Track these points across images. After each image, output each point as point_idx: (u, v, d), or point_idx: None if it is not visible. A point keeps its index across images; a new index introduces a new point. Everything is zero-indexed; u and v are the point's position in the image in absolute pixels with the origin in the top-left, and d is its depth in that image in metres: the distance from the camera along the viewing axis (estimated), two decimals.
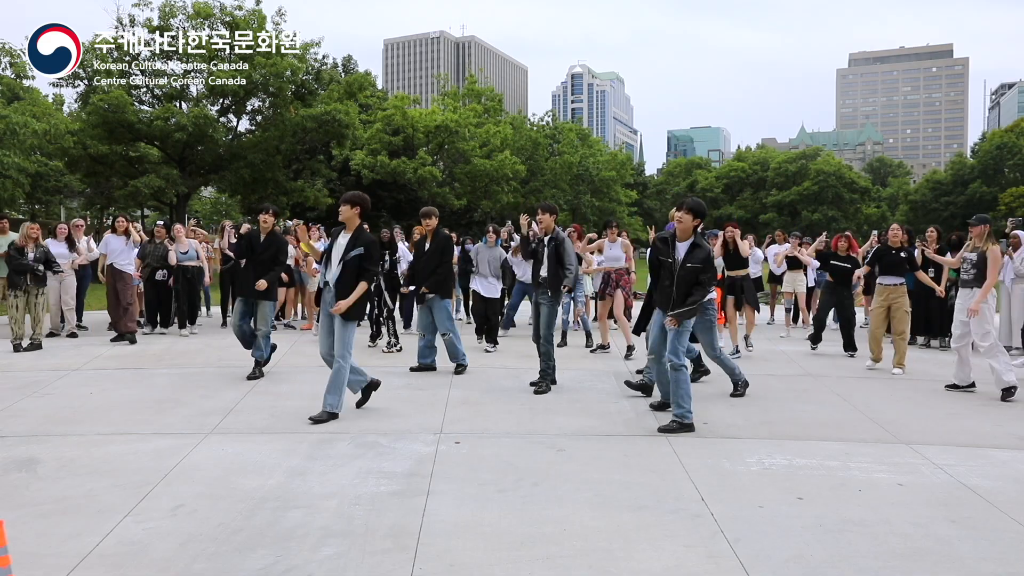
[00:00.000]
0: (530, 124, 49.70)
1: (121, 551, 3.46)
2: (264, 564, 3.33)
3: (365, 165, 36.62)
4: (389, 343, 9.20)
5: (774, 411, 6.27)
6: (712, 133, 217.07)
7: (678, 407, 5.59)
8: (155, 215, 41.17)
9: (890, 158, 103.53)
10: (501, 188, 39.59)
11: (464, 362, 7.82)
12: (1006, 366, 6.74)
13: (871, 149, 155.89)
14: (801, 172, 68.28)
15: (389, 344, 9.20)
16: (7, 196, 25.33)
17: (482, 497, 4.18)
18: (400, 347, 9.20)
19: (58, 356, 8.67)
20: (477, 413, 6.11)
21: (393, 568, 3.30)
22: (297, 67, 28.91)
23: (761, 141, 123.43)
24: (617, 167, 51.61)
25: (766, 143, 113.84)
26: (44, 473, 4.56)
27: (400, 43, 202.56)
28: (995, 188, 62.71)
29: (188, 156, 29.45)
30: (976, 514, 3.98)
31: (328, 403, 5.81)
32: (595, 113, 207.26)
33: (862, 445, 5.26)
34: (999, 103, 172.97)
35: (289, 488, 4.29)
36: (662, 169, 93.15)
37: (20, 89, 32.32)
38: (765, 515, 3.93)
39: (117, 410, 6.13)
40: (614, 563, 3.36)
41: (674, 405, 5.64)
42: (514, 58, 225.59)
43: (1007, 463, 4.88)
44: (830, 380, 7.62)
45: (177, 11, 28.13)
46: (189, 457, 4.86)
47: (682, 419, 5.56)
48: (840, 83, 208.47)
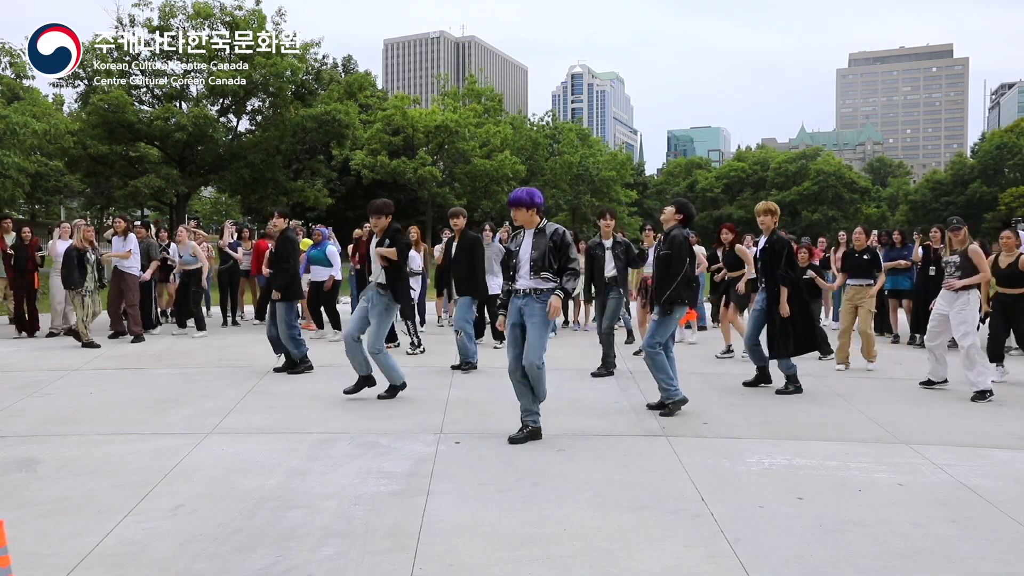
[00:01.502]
0: (530, 124, 49.75)
1: (121, 551, 3.46)
2: (264, 564, 3.33)
3: (365, 165, 36.64)
4: (412, 344, 9.13)
5: (774, 411, 6.27)
6: (712, 133, 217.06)
7: (663, 390, 6.03)
8: (155, 215, 41.16)
9: (890, 158, 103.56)
10: (501, 188, 39.60)
11: (472, 361, 7.88)
12: (982, 375, 6.63)
13: (871, 149, 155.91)
14: (801, 172, 68.28)
15: (412, 345, 9.12)
16: (7, 196, 25.35)
17: (482, 497, 4.18)
18: (423, 348, 9.15)
19: (58, 356, 8.67)
20: (477, 413, 6.12)
21: (393, 568, 3.30)
22: (297, 67, 28.93)
23: (761, 141, 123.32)
24: (617, 167, 51.64)
25: (766, 143, 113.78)
26: (44, 473, 4.56)
27: (400, 43, 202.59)
28: (995, 188, 62.72)
29: (188, 156, 29.47)
30: (976, 514, 3.98)
31: (390, 380, 6.50)
32: (595, 113, 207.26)
33: (862, 445, 5.26)
34: (999, 103, 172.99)
35: (289, 488, 4.29)
36: (662, 169, 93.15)
37: (20, 89, 32.35)
38: (765, 515, 3.93)
39: (117, 410, 6.13)
40: (614, 563, 3.36)
41: (661, 390, 6.05)
42: (514, 58, 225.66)
43: (1007, 463, 4.88)
44: (830, 380, 7.62)
45: (177, 11, 28.15)
46: (189, 457, 4.86)
47: (672, 397, 5.99)
48: (840, 83, 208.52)
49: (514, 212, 5.30)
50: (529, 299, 5.20)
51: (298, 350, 7.61)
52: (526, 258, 5.22)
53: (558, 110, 71.00)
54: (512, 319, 5.30)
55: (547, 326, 5.23)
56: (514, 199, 5.27)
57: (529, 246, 5.24)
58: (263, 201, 31.62)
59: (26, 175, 25.51)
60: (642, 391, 6.84)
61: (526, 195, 5.27)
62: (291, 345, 7.58)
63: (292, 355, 7.62)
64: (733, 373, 7.77)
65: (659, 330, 6.08)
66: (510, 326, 5.33)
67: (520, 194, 5.29)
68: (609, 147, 67.36)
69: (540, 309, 5.15)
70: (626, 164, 54.87)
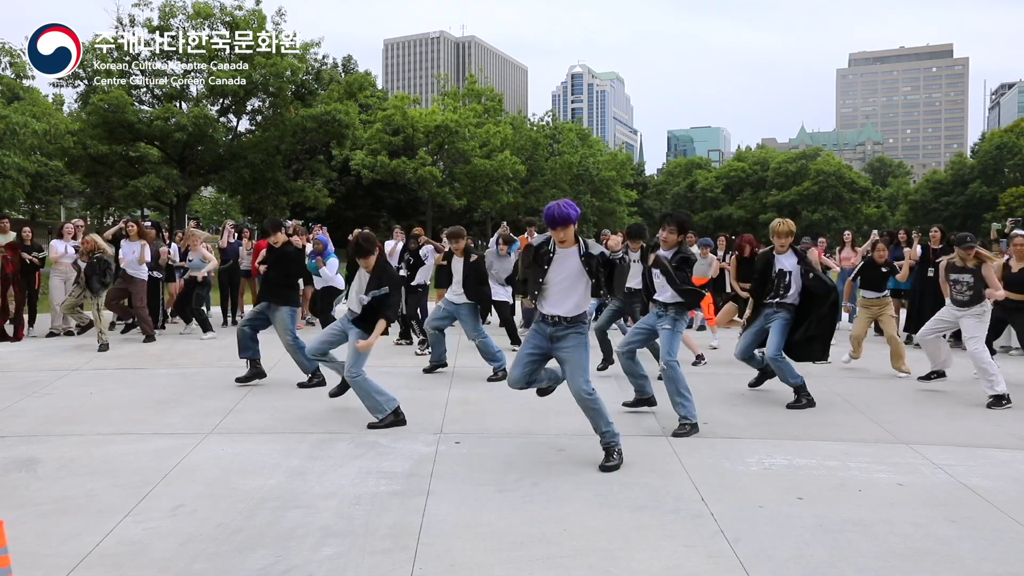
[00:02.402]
0: (530, 124, 49.73)
1: (121, 551, 3.46)
2: (264, 564, 3.33)
3: (365, 165, 36.65)
4: (422, 342, 9.12)
5: (774, 411, 6.27)
6: (712, 133, 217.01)
7: (682, 406, 5.57)
8: (155, 215, 41.15)
9: (890, 158, 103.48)
10: (501, 188, 39.61)
11: (502, 364, 7.48)
12: (993, 378, 6.51)
13: (871, 149, 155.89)
14: (801, 172, 68.25)
15: (422, 343, 9.11)
16: (7, 196, 25.34)
17: (482, 497, 4.18)
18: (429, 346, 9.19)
19: (58, 356, 8.67)
20: (477, 413, 6.11)
21: (393, 568, 3.30)
22: (297, 67, 28.91)
23: (761, 141, 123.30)
24: (617, 167, 51.63)
25: (766, 143, 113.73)
26: (44, 473, 4.57)
27: (400, 43, 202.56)
28: (995, 188, 62.70)
29: (188, 156, 29.45)
30: (976, 514, 3.98)
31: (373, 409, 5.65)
32: (595, 113, 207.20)
33: (862, 445, 5.26)
34: (999, 103, 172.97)
35: (289, 488, 4.29)
36: (662, 169, 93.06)
37: (20, 89, 32.34)
38: (765, 515, 3.93)
39: (117, 410, 6.13)
40: (614, 563, 3.36)
41: (678, 406, 5.59)
42: (514, 58, 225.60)
43: (1007, 463, 4.88)
44: (830, 380, 7.62)
45: (177, 11, 28.12)
46: (189, 457, 4.86)
47: (689, 419, 5.53)
48: (840, 83, 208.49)
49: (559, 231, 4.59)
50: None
51: (310, 363, 6.94)
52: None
53: (558, 110, 70.98)
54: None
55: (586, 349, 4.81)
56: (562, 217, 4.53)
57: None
58: (263, 201, 31.61)
59: (26, 175, 25.49)
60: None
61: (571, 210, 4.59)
62: (297, 355, 7.03)
63: (302, 367, 7.08)
64: (733, 373, 7.76)
65: (674, 342, 5.78)
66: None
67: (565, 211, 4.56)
68: (609, 147, 67.34)
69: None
70: (626, 164, 54.86)
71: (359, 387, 5.62)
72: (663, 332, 5.83)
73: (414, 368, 8.09)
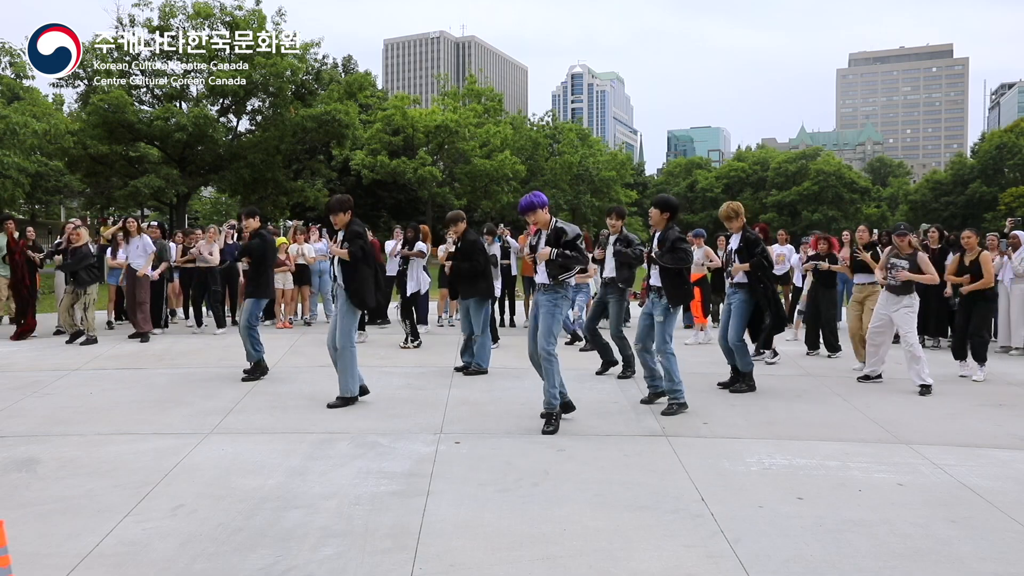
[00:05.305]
0: (530, 124, 49.76)
1: (121, 551, 3.46)
2: (264, 564, 3.33)
3: (365, 165, 36.64)
4: (406, 339, 9.42)
5: (774, 411, 6.27)
6: (712, 133, 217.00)
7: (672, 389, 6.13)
8: (155, 215, 41.17)
9: (890, 158, 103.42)
10: (501, 188, 39.61)
11: (484, 367, 7.78)
12: (922, 369, 6.96)
13: (871, 149, 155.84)
14: (801, 172, 68.28)
15: (406, 340, 9.42)
16: (7, 196, 25.34)
17: (482, 497, 4.18)
18: (419, 343, 9.49)
19: (58, 356, 8.67)
20: (477, 413, 6.11)
21: (393, 568, 3.30)
22: (297, 67, 28.94)
23: (761, 141, 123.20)
24: (617, 167, 51.68)
25: (766, 143, 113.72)
26: (44, 473, 4.56)
27: (400, 43, 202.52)
28: (995, 188, 62.71)
29: (188, 156, 29.48)
30: (976, 514, 3.98)
31: (342, 387, 6.25)
32: (595, 113, 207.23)
33: (862, 445, 5.26)
34: (999, 103, 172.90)
35: (289, 488, 4.29)
36: (662, 169, 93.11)
37: (20, 89, 32.33)
38: (765, 515, 3.93)
39: (117, 410, 6.13)
40: (614, 563, 3.36)
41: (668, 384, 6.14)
42: (514, 58, 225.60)
43: (1007, 463, 4.88)
44: (830, 380, 7.62)
45: (177, 11, 28.15)
46: (189, 457, 4.86)
47: (677, 398, 6.09)
48: (840, 83, 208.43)
49: (529, 217, 5.69)
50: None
51: (255, 350, 7.35)
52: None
53: (558, 110, 71.00)
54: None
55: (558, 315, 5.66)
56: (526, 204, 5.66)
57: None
58: (263, 201, 31.62)
59: (26, 175, 25.49)
60: (641, 391, 6.83)
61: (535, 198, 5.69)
62: (248, 343, 7.34)
63: (248, 354, 7.37)
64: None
65: (668, 330, 6.20)
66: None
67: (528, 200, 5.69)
68: (609, 147, 67.36)
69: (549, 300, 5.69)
70: (626, 164, 54.91)
71: (342, 360, 6.23)
72: (656, 324, 6.25)
73: (415, 368, 8.10)
